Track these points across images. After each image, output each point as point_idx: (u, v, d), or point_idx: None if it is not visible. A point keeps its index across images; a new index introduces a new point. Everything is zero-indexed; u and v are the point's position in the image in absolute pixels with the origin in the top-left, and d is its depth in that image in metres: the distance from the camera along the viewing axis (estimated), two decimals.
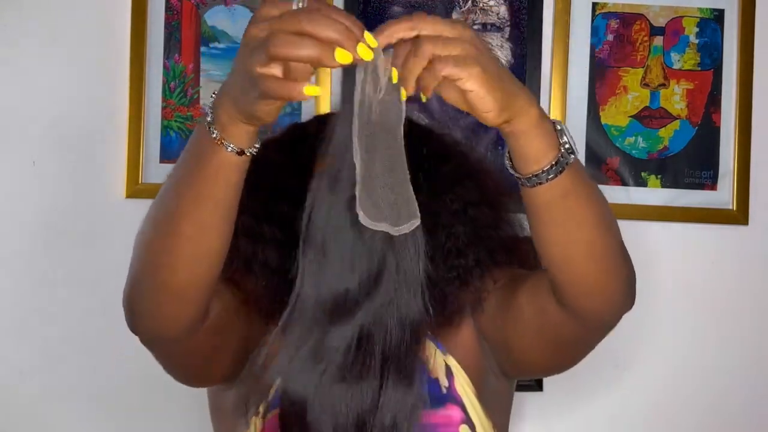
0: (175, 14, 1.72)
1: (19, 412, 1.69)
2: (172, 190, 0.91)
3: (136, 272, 0.95)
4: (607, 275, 0.98)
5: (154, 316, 0.96)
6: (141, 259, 0.95)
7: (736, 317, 1.77)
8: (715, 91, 1.77)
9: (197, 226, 0.89)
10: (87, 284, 1.70)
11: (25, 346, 1.69)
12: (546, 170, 0.86)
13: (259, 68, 0.76)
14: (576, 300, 0.98)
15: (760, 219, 1.76)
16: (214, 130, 0.84)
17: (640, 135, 1.76)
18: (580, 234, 0.93)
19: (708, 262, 1.77)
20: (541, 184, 0.87)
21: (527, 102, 0.84)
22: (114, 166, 1.70)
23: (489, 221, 1.16)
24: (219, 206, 0.89)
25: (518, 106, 0.83)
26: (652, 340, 1.76)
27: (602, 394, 1.74)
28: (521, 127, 0.85)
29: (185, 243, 0.90)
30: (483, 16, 1.74)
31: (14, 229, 1.70)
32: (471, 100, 0.80)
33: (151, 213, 0.94)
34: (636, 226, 1.74)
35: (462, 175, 1.17)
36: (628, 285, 1.02)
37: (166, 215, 0.91)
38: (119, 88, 1.70)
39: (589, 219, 0.92)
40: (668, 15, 1.76)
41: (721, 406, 1.77)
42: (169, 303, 0.94)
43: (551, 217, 0.91)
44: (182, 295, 0.94)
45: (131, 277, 0.96)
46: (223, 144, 0.84)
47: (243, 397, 1.14)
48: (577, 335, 1.06)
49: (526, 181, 0.88)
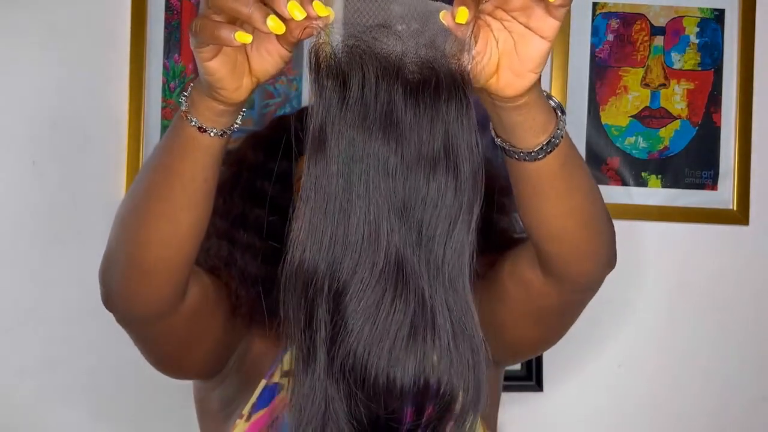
0: (175, 14, 1.72)
1: (18, 412, 1.69)
2: (148, 167, 0.92)
3: (111, 248, 0.97)
4: (597, 238, 0.98)
5: (126, 294, 0.97)
6: (116, 235, 0.96)
7: (737, 317, 1.77)
8: (715, 91, 1.77)
9: (167, 204, 0.90)
10: (87, 284, 1.69)
11: (25, 346, 1.69)
12: (549, 141, 0.85)
13: (191, 41, 0.77)
14: (566, 267, 0.98)
15: (760, 219, 1.76)
16: (184, 103, 0.85)
17: (640, 135, 1.76)
18: (575, 201, 0.92)
19: (708, 262, 1.77)
20: (545, 155, 0.85)
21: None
22: (114, 166, 1.70)
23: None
24: (187, 185, 0.88)
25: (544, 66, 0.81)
26: (652, 340, 1.76)
27: (602, 394, 1.74)
28: (536, 93, 0.82)
29: (154, 220, 0.91)
30: None
31: (14, 229, 1.69)
32: (548, 31, 0.76)
33: (129, 191, 0.95)
34: (636, 226, 1.74)
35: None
36: (611, 244, 1.02)
37: (140, 192, 0.92)
38: (119, 88, 1.70)
39: (582, 185, 0.92)
40: (668, 15, 1.76)
41: (721, 406, 1.76)
42: (141, 281, 0.95)
43: (552, 188, 0.90)
44: (153, 274, 0.94)
45: (106, 253, 0.98)
46: (188, 118, 0.84)
47: (228, 399, 1.14)
48: (562, 302, 1.05)
49: (528, 156, 0.85)
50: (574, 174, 0.91)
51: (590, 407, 1.74)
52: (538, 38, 0.78)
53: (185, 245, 0.93)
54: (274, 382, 1.12)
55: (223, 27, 0.74)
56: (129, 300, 0.98)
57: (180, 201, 0.90)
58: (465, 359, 0.80)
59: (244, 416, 1.09)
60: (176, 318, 1.00)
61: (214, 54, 0.78)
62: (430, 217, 0.76)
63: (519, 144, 0.86)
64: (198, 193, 0.89)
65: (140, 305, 0.98)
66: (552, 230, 0.94)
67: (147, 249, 0.93)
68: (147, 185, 0.91)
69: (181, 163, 0.87)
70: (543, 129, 0.85)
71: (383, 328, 0.77)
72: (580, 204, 0.93)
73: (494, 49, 0.78)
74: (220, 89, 0.80)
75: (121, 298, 0.99)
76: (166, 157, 0.89)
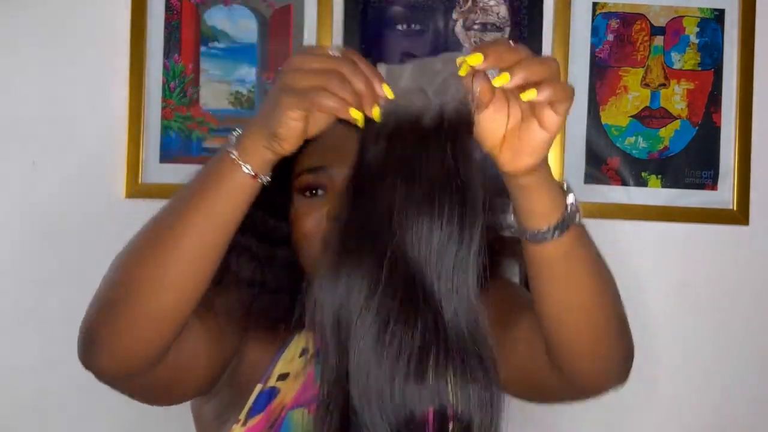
0: (174, 14, 1.72)
1: (18, 412, 1.69)
2: (179, 207, 0.91)
3: (110, 297, 0.93)
4: (599, 345, 0.96)
5: (116, 348, 0.92)
6: (120, 281, 0.93)
7: (737, 317, 1.77)
8: (715, 91, 1.77)
9: (199, 243, 0.90)
10: (87, 284, 1.69)
11: (25, 346, 1.69)
12: (552, 228, 0.87)
13: (286, 100, 0.82)
14: (563, 360, 0.97)
15: (760, 219, 1.76)
16: (234, 152, 0.87)
17: (640, 135, 1.76)
18: (575, 297, 0.92)
19: (708, 262, 1.77)
20: (546, 240, 0.87)
21: (546, 156, 0.86)
22: (114, 166, 1.70)
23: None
24: (224, 227, 0.90)
25: (545, 156, 0.85)
26: (652, 339, 1.76)
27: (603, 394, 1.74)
28: (538, 180, 0.85)
29: (181, 260, 0.90)
30: (483, 16, 1.74)
31: (14, 229, 1.69)
32: (549, 123, 0.81)
33: (143, 233, 0.94)
34: (636, 226, 1.75)
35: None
36: (621, 360, 1.01)
37: (165, 232, 0.91)
38: (119, 87, 1.70)
39: (586, 284, 0.92)
40: (668, 15, 1.76)
41: (721, 406, 1.77)
42: (145, 328, 0.91)
43: (550, 275, 0.91)
44: (162, 320, 0.91)
45: (100, 304, 0.93)
46: (241, 165, 0.87)
47: (222, 407, 1.13)
48: (557, 390, 1.05)
49: (531, 237, 0.88)
50: (579, 268, 0.91)
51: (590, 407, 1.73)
52: (539, 127, 0.81)
53: (201, 287, 0.92)
54: (270, 386, 1.11)
55: (336, 100, 0.80)
56: (118, 355, 0.93)
57: (213, 240, 0.90)
58: (478, 378, 0.82)
59: (240, 421, 1.09)
60: (159, 369, 0.97)
61: (304, 117, 0.82)
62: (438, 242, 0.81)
63: (522, 221, 0.88)
64: (229, 235, 0.91)
65: (130, 359, 0.93)
66: (549, 313, 0.94)
67: (166, 291, 0.90)
68: (178, 226, 0.90)
69: (225, 205, 0.89)
70: (543, 215, 0.87)
71: (392, 363, 0.80)
72: (581, 301, 0.92)
73: (501, 119, 0.82)
74: (285, 143, 0.84)
75: (109, 354, 0.93)
76: (211, 200, 0.89)
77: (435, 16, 1.74)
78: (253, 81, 1.72)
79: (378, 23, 1.73)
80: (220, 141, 1.70)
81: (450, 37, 1.73)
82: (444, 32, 1.74)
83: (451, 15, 1.74)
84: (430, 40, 1.73)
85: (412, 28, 1.73)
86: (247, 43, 1.72)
